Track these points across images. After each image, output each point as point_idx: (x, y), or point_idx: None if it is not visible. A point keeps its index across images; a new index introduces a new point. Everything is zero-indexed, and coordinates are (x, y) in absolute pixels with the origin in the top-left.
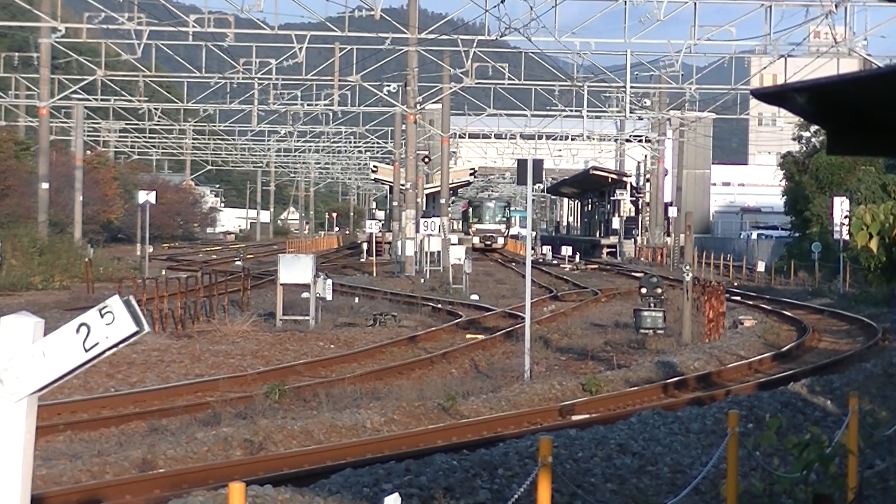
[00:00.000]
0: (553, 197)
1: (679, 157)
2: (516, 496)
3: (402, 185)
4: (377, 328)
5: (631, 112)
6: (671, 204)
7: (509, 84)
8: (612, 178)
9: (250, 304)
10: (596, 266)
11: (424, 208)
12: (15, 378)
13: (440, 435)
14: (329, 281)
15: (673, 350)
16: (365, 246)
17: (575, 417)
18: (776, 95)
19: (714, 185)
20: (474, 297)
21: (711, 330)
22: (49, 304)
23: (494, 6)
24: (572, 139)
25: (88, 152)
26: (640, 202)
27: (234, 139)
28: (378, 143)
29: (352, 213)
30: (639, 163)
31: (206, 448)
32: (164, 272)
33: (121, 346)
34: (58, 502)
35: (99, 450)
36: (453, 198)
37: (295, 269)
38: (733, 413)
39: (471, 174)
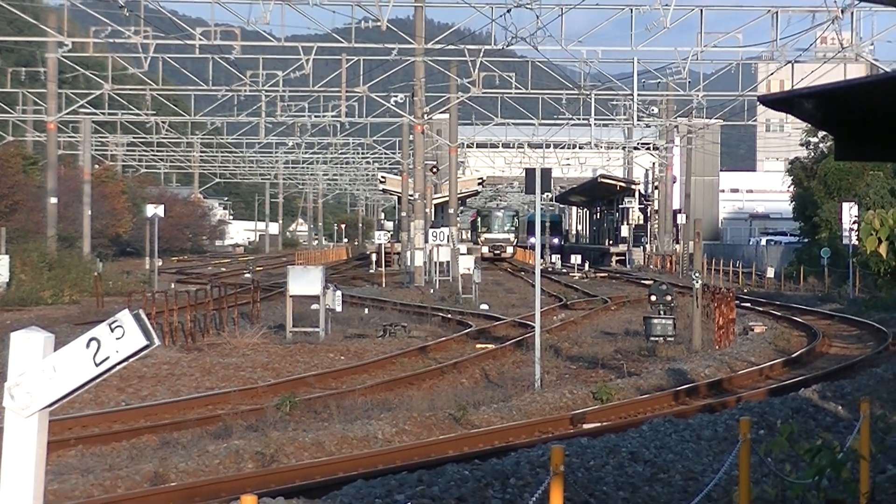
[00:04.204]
0: (561, 206)
1: (687, 165)
2: None
3: (411, 195)
4: (387, 339)
5: (638, 120)
6: (680, 211)
7: (516, 93)
8: (620, 186)
9: (260, 317)
10: (605, 274)
11: (433, 218)
12: (26, 393)
13: (452, 445)
14: (338, 292)
15: (683, 357)
16: (374, 257)
17: (586, 426)
18: (784, 102)
19: (722, 191)
20: (484, 306)
21: (722, 337)
22: (59, 318)
23: (501, 16)
24: (580, 147)
25: (96, 166)
26: (649, 210)
27: (241, 151)
28: (386, 153)
29: (360, 224)
30: (647, 170)
31: (217, 461)
32: (173, 285)
33: (131, 360)
34: None
35: (110, 464)
36: (462, 208)
37: (304, 280)
38: (745, 420)
39: (479, 184)
